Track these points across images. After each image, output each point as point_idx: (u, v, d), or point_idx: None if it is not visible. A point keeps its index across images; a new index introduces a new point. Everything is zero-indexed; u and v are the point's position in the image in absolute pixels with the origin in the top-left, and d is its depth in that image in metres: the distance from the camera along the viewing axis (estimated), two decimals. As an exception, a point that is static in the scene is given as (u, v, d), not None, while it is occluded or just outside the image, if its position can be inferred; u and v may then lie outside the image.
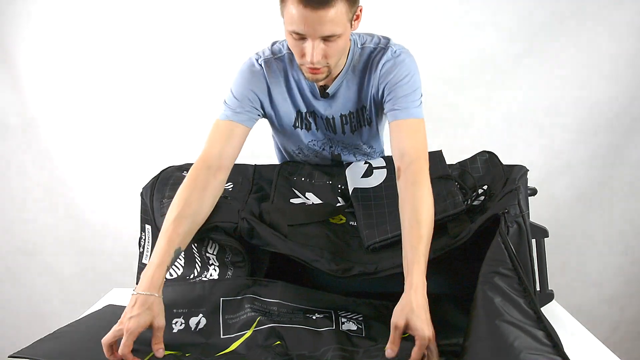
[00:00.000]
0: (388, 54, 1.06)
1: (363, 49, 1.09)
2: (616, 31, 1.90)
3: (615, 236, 2.07)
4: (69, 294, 2.13)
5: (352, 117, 1.14)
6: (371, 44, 1.09)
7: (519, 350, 0.60)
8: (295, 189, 1.10)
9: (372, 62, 1.08)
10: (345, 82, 1.10)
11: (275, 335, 0.84)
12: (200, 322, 0.89)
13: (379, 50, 1.08)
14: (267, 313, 0.89)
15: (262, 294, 0.91)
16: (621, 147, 1.99)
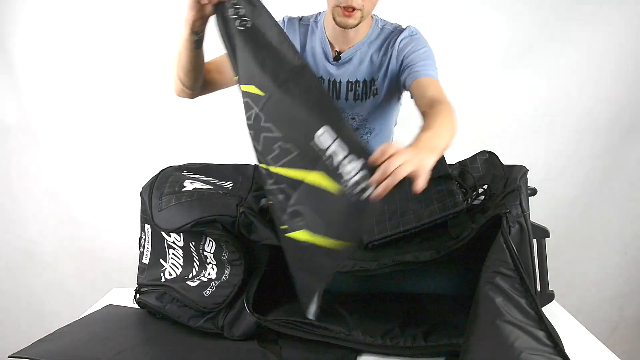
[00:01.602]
0: (406, 32, 1.17)
1: (383, 29, 1.20)
2: (616, 31, 1.90)
3: (615, 236, 2.07)
4: (69, 294, 2.13)
5: (358, 85, 1.20)
6: (390, 27, 1.20)
7: (520, 350, 0.60)
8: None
9: (390, 40, 1.18)
10: (360, 53, 1.18)
11: None
12: None
13: (398, 31, 1.19)
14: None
15: None
16: (621, 147, 1.99)
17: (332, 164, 0.76)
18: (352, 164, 0.75)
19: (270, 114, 0.85)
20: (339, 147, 0.76)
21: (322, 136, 0.78)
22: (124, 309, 1.08)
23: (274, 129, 0.85)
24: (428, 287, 1.03)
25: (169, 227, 0.98)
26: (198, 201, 0.98)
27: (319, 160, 0.78)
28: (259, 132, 0.86)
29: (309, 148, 0.79)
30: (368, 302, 0.99)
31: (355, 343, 0.86)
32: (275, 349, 0.87)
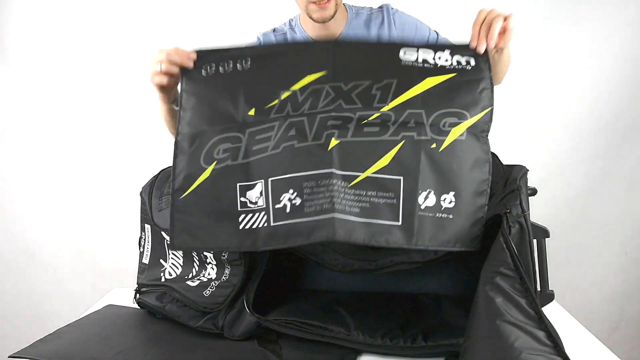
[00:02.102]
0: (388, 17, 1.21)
1: (358, 14, 1.23)
2: (616, 31, 1.90)
3: (615, 236, 2.07)
4: (69, 294, 2.13)
5: None
6: (363, 10, 1.25)
7: (520, 350, 0.60)
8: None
9: (372, 22, 1.22)
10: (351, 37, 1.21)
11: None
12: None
13: (376, 12, 1.23)
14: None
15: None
16: (621, 147, 1.99)
17: (430, 65, 0.87)
18: (445, 55, 0.88)
19: (346, 75, 0.87)
20: (424, 52, 0.88)
21: (405, 54, 0.88)
22: (124, 309, 1.08)
23: (362, 80, 0.87)
24: (428, 287, 1.03)
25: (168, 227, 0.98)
26: (198, 201, 0.98)
27: (419, 70, 0.87)
28: (349, 94, 0.86)
29: (403, 69, 0.87)
30: (368, 302, 0.99)
31: (355, 343, 0.86)
32: (275, 349, 0.87)
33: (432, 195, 0.82)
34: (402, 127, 0.84)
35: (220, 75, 0.89)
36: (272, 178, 0.83)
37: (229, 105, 0.87)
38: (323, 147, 0.83)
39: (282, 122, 0.85)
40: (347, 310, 0.92)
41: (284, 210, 0.82)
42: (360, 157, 0.83)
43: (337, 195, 0.80)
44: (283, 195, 0.82)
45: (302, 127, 0.85)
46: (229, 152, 0.85)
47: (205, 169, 0.85)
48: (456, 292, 1.01)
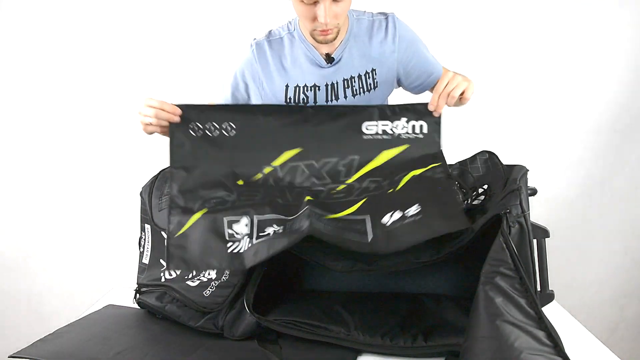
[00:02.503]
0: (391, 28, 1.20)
1: (359, 20, 1.21)
2: (616, 31, 1.90)
3: (615, 236, 2.07)
4: (69, 294, 2.13)
5: (353, 81, 1.21)
6: (365, 16, 1.22)
7: (520, 350, 0.60)
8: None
9: (374, 30, 1.20)
10: (348, 48, 1.19)
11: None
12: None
13: (378, 20, 1.21)
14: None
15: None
16: (621, 147, 1.99)
17: (388, 137, 1.04)
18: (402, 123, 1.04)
19: (318, 153, 1.03)
20: (383, 125, 1.04)
21: (367, 129, 1.04)
22: (124, 309, 1.08)
23: (329, 157, 1.03)
24: (428, 287, 1.03)
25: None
26: (198, 201, 0.98)
27: (378, 143, 1.03)
28: (319, 171, 1.02)
29: (365, 143, 1.03)
30: (368, 302, 0.99)
31: (355, 343, 0.86)
32: (275, 349, 0.87)
33: (397, 213, 0.90)
34: (364, 191, 0.99)
35: (207, 139, 1.01)
36: (258, 217, 0.93)
37: (218, 174, 1.00)
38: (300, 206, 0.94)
39: (266, 190, 0.99)
40: (347, 310, 0.92)
41: (267, 235, 0.91)
42: (332, 209, 0.94)
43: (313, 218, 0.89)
44: (267, 228, 0.92)
45: (283, 193, 0.99)
46: (219, 203, 0.96)
47: (196, 212, 0.95)
48: (456, 292, 1.01)
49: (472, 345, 0.67)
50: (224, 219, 0.92)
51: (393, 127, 1.04)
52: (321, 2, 1.03)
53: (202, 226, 0.93)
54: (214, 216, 0.93)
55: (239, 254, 0.89)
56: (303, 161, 1.02)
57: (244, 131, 1.02)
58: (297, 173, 1.02)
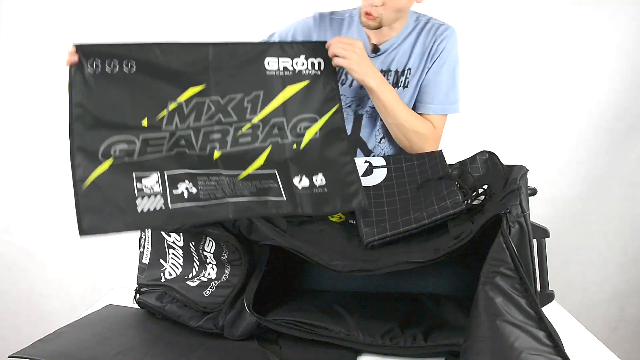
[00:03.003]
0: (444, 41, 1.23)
1: (418, 22, 1.26)
2: (616, 31, 1.90)
3: (615, 236, 2.07)
4: (69, 294, 2.14)
5: (389, 75, 1.25)
6: (423, 19, 1.27)
7: (520, 350, 0.60)
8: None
9: (426, 37, 1.24)
10: (398, 44, 1.24)
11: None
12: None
13: (435, 29, 1.24)
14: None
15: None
16: (621, 147, 1.99)
17: (289, 72, 1.07)
18: (301, 60, 1.08)
19: (222, 89, 1.02)
20: (284, 61, 1.07)
21: (269, 64, 1.06)
22: (124, 309, 1.08)
23: (234, 93, 1.03)
24: (428, 287, 1.03)
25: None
26: (198, 201, 0.98)
27: (280, 79, 1.06)
28: (225, 107, 1.02)
29: (268, 79, 1.05)
30: (368, 302, 0.99)
31: (355, 343, 0.85)
32: (275, 349, 0.87)
33: (304, 178, 1.02)
34: (269, 135, 1.03)
35: (107, 76, 0.95)
36: (168, 172, 0.94)
37: (119, 112, 0.95)
38: (209, 158, 0.98)
39: (172, 134, 0.97)
40: (347, 310, 0.92)
41: (181, 196, 0.92)
42: (239, 162, 1.00)
43: (227, 186, 0.95)
44: (180, 184, 0.93)
45: (189, 139, 0.98)
46: (124, 152, 0.93)
47: (102, 162, 0.92)
48: (456, 292, 1.01)
49: (472, 345, 0.67)
50: (133, 173, 0.92)
51: (293, 63, 1.07)
52: None
53: (110, 180, 0.91)
54: (121, 170, 0.92)
55: (150, 214, 0.90)
56: (208, 97, 1.01)
57: (145, 67, 0.98)
58: (204, 109, 1.01)
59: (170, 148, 0.96)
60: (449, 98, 1.26)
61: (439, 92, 1.25)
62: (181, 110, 0.99)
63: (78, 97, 0.93)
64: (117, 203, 0.90)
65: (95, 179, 0.90)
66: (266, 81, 1.05)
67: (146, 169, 0.93)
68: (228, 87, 1.03)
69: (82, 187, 0.90)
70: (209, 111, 1.01)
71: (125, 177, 0.91)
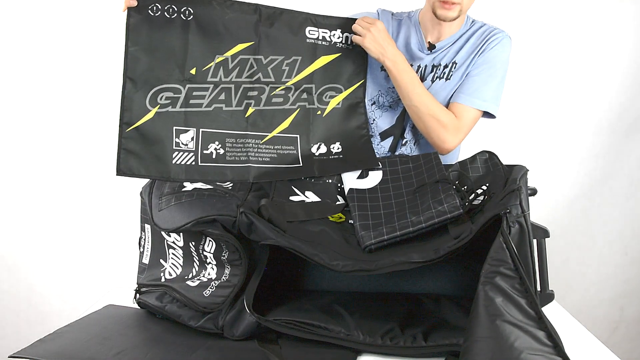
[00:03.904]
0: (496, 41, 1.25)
1: (474, 23, 1.30)
2: (617, 31, 1.90)
3: (615, 236, 2.07)
4: (69, 294, 2.14)
5: (439, 68, 1.29)
6: (480, 24, 1.30)
7: (520, 350, 0.60)
8: (295, 187, 1.11)
9: (479, 39, 1.27)
10: (452, 42, 1.28)
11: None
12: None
13: (489, 32, 1.27)
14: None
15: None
16: (621, 147, 1.99)
17: (326, 43, 1.18)
18: (337, 33, 1.19)
19: (267, 49, 1.12)
20: (323, 32, 1.17)
21: (310, 32, 1.16)
22: (124, 309, 1.08)
23: (276, 55, 1.13)
24: (428, 287, 1.03)
25: (168, 227, 0.98)
26: (198, 201, 0.98)
27: (317, 48, 1.17)
28: (266, 68, 1.12)
29: (307, 46, 1.16)
30: (368, 302, 0.99)
31: (355, 343, 0.85)
32: (275, 349, 0.87)
33: (322, 146, 1.16)
34: (298, 99, 1.15)
35: (165, 20, 1.03)
36: (203, 129, 1.05)
37: (173, 59, 1.04)
38: (243, 113, 1.10)
39: (215, 86, 1.08)
40: (347, 310, 0.92)
41: (210, 156, 1.05)
42: (268, 122, 1.12)
43: (251, 150, 1.08)
44: (210, 145, 1.06)
45: (229, 93, 1.09)
46: (170, 100, 1.03)
47: (149, 110, 1.01)
48: (456, 292, 1.01)
49: (472, 345, 0.67)
50: (173, 127, 1.02)
51: (331, 35, 1.18)
52: None
53: (153, 129, 1.01)
54: (164, 120, 1.02)
55: (181, 166, 1.03)
56: (253, 55, 1.10)
57: (201, 17, 1.05)
58: (246, 67, 1.10)
59: (210, 103, 1.06)
60: (481, 93, 1.26)
61: (472, 84, 1.25)
62: (226, 64, 1.08)
63: (134, 40, 1.00)
64: (156, 152, 1.01)
65: (139, 125, 0.99)
66: (305, 48, 1.15)
67: (186, 123, 1.04)
68: (272, 48, 1.12)
69: (126, 130, 0.99)
70: (251, 69, 1.10)
71: (167, 130, 1.02)
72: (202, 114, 1.05)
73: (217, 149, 1.05)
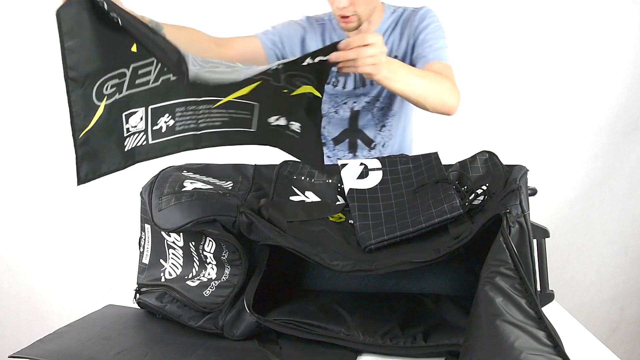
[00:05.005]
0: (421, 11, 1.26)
1: (395, 11, 1.28)
2: (616, 31, 1.90)
3: (615, 236, 2.07)
4: (69, 294, 2.14)
5: None
6: (401, 8, 1.29)
7: (520, 350, 0.60)
8: (295, 188, 1.10)
9: (405, 21, 1.26)
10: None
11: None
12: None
13: (412, 10, 1.27)
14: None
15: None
16: (621, 147, 1.99)
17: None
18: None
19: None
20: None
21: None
22: (124, 309, 1.08)
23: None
24: (428, 287, 1.03)
25: (168, 227, 0.98)
26: (198, 201, 0.98)
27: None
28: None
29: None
30: (368, 302, 0.99)
31: (355, 343, 0.85)
32: (275, 349, 0.87)
33: (282, 120, 1.00)
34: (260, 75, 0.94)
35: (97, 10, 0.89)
36: (152, 106, 0.96)
37: (112, 42, 0.91)
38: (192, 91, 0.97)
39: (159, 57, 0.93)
40: (347, 310, 0.92)
41: (159, 131, 0.98)
42: (224, 88, 0.95)
43: (202, 117, 0.98)
44: (160, 119, 0.97)
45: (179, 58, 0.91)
46: (115, 87, 0.93)
47: (98, 105, 0.91)
48: (456, 292, 1.01)
49: (472, 345, 0.67)
50: (122, 114, 0.94)
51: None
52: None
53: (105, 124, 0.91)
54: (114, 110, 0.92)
55: (132, 150, 0.96)
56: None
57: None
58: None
59: (157, 77, 0.95)
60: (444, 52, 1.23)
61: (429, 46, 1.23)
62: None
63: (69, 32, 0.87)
64: (110, 146, 0.93)
65: (92, 126, 0.90)
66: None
67: (133, 104, 0.94)
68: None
69: (79, 136, 0.89)
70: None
71: (117, 119, 0.93)
72: (151, 91, 0.95)
73: (166, 121, 0.97)
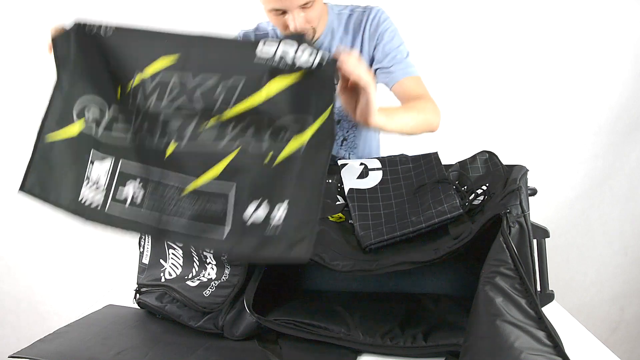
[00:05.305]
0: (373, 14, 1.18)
1: (340, 14, 1.21)
2: (616, 31, 1.90)
3: (615, 236, 2.07)
4: (69, 294, 2.14)
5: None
6: (346, 10, 1.21)
7: (520, 350, 0.60)
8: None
9: (354, 23, 1.19)
10: (327, 42, 1.20)
11: None
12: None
13: (360, 12, 1.20)
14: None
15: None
16: (621, 147, 1.99)
17: (287, 62, 0.79)
18: (307, 51, 0.78)
19: (199, 63, 0.83)
20: (287, 46, 0.78)
21: (264, 47, 0.79)
22: (124, 309, 1.08)
23: (210, 72, 0.82)
24: (428, 287, 1.03)
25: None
26: (198, 201, 0.98)
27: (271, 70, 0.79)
28: (195, 90, 0.83)
29: (255, 66, 0.80)
30: (368, 302, 0.99)
31: (355, 343, 0.86)
32: (275, 349, 0.87)
33: (264, 205, 0.80)
34: (240, 134, 0.82)
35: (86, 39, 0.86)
36: (124, 161, 0.85)
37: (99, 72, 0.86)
38: (162, 153, 0.84)
39: (137, 112, 0.86)
40: (347, 310, 0.92)
41: (123, 202, 0.85)
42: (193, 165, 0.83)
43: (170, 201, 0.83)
44: (128, 184, 0.85)
45: (152, 122, 0.85)
46: (95, 119, 0.85)
47: (74, 122, 0.85)
48: (456, 292, 1.01)
49: (472, 345, 0.67)
50: (91, 151, 0.84)
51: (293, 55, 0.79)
52: (289, 12, 1.02)
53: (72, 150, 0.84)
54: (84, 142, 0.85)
55: (86, 208, 0.86)
56: (179, 71, 0.83)
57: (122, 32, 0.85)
58: (167, 90, 0.84)
59: (135, 132, 0.85)
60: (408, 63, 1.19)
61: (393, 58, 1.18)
62: (146, 86, 0.85)
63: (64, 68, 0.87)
64: (65, 179, 0.85)
65: (59, 140, 0.83)
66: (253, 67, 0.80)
67: (104, 150, 0.85)
68: (205, 63, 0.83)
69: (45, 141, 0.84)
70: (171, 93, 0.84)
71: (83, 155, 0.85)
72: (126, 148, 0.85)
73: (135, 192, 0.84)
